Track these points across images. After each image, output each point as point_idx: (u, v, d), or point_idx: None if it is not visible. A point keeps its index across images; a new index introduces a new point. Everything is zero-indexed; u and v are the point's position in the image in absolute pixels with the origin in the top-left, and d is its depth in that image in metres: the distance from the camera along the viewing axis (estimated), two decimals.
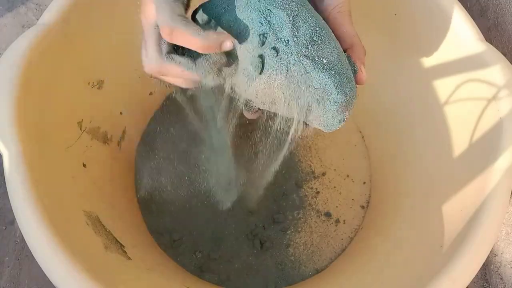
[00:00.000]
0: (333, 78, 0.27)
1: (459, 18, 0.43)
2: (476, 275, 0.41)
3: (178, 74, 0.29)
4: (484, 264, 0.51)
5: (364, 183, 0.62)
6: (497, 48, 0.41)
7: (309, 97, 0.28)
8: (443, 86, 0.47)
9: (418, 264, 0.39)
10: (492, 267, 0.51)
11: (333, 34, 0.30)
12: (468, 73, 0.42)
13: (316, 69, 0.27)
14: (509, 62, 0.39)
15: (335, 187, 0.62)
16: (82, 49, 0.44)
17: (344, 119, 0.30)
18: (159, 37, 0.29)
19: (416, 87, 0.52)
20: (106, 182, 0.49)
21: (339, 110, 0.29)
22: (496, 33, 0.51)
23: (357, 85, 0.31)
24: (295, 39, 0.27)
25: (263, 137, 0.38)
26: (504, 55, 0.40)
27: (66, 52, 0.42)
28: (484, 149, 0.38)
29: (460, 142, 0.43)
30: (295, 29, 0.27)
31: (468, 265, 0.32)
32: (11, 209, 0.33)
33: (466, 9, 0.43)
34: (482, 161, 0.37)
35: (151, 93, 0.62)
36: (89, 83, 0.47)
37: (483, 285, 0.53)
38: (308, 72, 0.27)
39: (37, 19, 0.46)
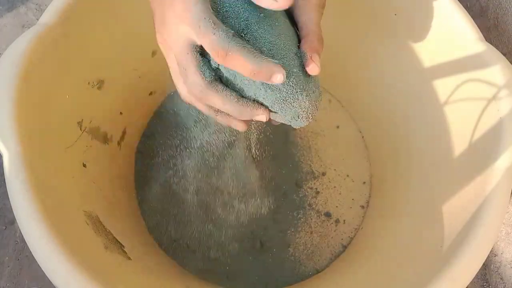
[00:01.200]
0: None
1: (459, 18, 0.43)
2: (476, 275, 0.41)
3: (219, 106, 0.27)
4: (484, 264, 0.51)
5: (364, 183, 0.62)
6: (497, 48, 0.41)
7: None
8: (443, 86, 0.47)
9: (418, 264, 0.39)
10: (492, 267, 0.51)
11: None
12: (468, 73, 0.42)
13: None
14: (509, 62, 0.39)
15: (335, 187, 0.62)
16: (82, 49, 0.44)
17: (299, 115, 0.28)
18: (199, 59, 0.27)
19: (416, 87, 0.52)
20: (106, 182, 0.49)
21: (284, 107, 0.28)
22: (496, 33, 0.51)
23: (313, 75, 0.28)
24: None
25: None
26: (504, 55, 0.40)
27: (66, 52, 0.42)
28: (484, 149, 0.38)
29: (460, 142, 0.43)
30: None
31: (468, 265, 0.32)
32: (11, 209, 0.33)
33: (466, 9, 0.43)
34: (482, 161, 0.37)
35: (151, 93, 0.62)
36: (89, 83, 0.47)
37: (483, 285, 0.53)
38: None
39: (37, 19, 0.46)
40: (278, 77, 0.25)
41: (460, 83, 0.43)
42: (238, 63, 0.25)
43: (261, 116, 0.27)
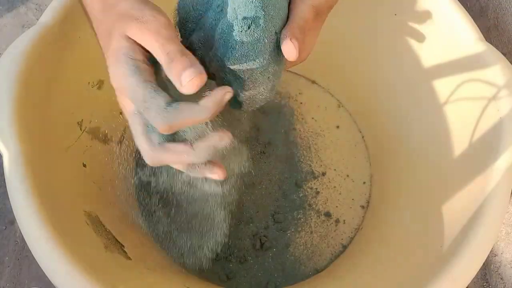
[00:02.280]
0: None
1: (459, 18, 0.43)
2: (476, 275, 0.41)
3: (176, 161, 0.27)
4: (484, 264, 0.50)
5: (364, 183, 0.62)
6: (497, 48, 0.41)
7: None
8: (443, 86, 0.47)
9: (418, 264, 0.39)
10: (492, 267, 0.51)
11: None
12: (468, 73, 0.42)
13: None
14: (509, 62, 0.39)
15: (335, 187, 0.62)
16: (82, 49, 0.44)
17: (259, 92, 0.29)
18: (144, 126, 0.26)
19: (416, 87, 0.52)
20: (106, 182, 0.49)
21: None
22: (496, 33, 0.51)
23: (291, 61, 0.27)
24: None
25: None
26: (504, 55, 0.40)
27: (66, 52, 0.42)
28: (484, 149, 0.38)
29: (460, 142, 0.43)
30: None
31: (468, 265, 0.32)
32: (11, 209, 0.33)
33: (466, 9, 0.43)
34: (482, 161, 0.37)
35: None
36: (89, 83, 0.47)
37: (483, 285, 0.53)
38: None
39: (37, 19, 0.46)
40: (228, 96, 0.25)
41: (460, 83, 0.43)
42: (190, 123, 0.25)
43: (227, 95, 0.26)
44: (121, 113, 0.56)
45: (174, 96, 0.25)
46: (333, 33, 0.58)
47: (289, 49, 0.26)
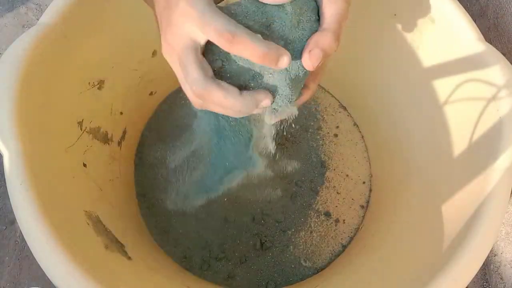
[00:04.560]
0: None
1: (459, 18, 0.43)
2: (476, 274, 0.41)
3: (220, 101, 0.27)
4: (484, 263, 0.51)
5: (364, 183, 0.62)
6: (497, 48, 0.41)
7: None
8: (443, 86, 0.47)
9: (418, 264, 0.39)
10: (492, 266, 0.51)
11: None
12: (468, 73, 0.42)
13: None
14: (509, 62, 0.39)
15: (334, 187, 0.62)
16: (82, 49, 0.44)
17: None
18: (201, 58, 0.27)
19: (416, 87, 0.52)
20: (106, 182, 0.49)
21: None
22: (496, 33, 0.51)
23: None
24: None
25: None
26: (504, 55, 0.40)
27: (66, 52, 0.42)
28: (484, 149, 0.38)
29: (460, 142, 0.43)
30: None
31: (468, 265, 0.32)
32: (12, 209, 0.33)
33: (466, 9, 0.43)
34: (482, 161, 0.37)
35: (151, 93, 0.62)
36: (89, 83, 0.47)
37: (483, 285, 0.53)
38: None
39: (37, 19, 0.46)
40: (285, 60, 0.25)
41: (460, 83, 0.43)
42: (245, 46, 0.24)
43: (266, 101, 0.27)
44: (121, 113, 0.56)
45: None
46: None
47: (305, 61, 0.27)
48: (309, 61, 0.27)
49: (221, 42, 0.25)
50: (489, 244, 0.33)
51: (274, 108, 0.30)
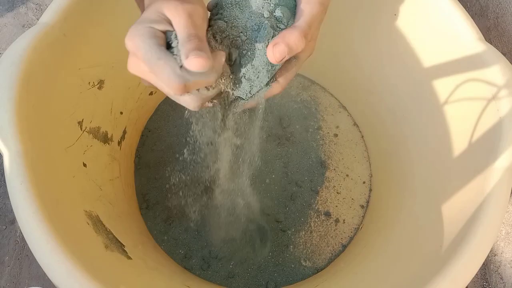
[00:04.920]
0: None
1: (459, 18, 0.43)
2: (476, 274, 0.41)
3: (202, 77, 0.27)
4: (484, 263, 0.51)
5: (364, 182, 0.62)
6: (497, 48, 0.41)
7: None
8: (443, 86, 0.47)
9: (418, 263, 0.39)
10: (492, 266, 0.51)
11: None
12: (468, 73, 0.42)
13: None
14: (509, 62, 0.39)
15: (334, 186, 0.62)
16: (82, 49, 0.44)
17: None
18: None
19: (416, 87, 0.52)
20: (106, 182, 0.49)
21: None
22: (496, 33, 0.51)
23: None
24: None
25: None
26: (504, 55, 0.40)
27: (66, 52, 0.42)
28: (484, 149, 0.38)
29: (460, 141, 0.43)
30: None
31: (468, 264, 0.32)
32: (12, 208, 0.33)
33: (466, 9, 0.43)
34: (482, 161, 0.37)
35: (151, 93, 0.62)
36: (89, 83, 0.47)
37: (483, 285, 0.53)
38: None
39: (37, 19, 0.46)
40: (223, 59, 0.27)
41: (460, 83, 0.43)
42: (198, 86, 0.26)
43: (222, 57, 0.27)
44: (121, 113, 0.56)
45: None
46: (333, 34, 0.58)
47: (268, 54, 0.28)
48: (272, 53, 0.27)
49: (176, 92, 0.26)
50: (489, 244, 0.33)
51: (248, 91, 0.30)
